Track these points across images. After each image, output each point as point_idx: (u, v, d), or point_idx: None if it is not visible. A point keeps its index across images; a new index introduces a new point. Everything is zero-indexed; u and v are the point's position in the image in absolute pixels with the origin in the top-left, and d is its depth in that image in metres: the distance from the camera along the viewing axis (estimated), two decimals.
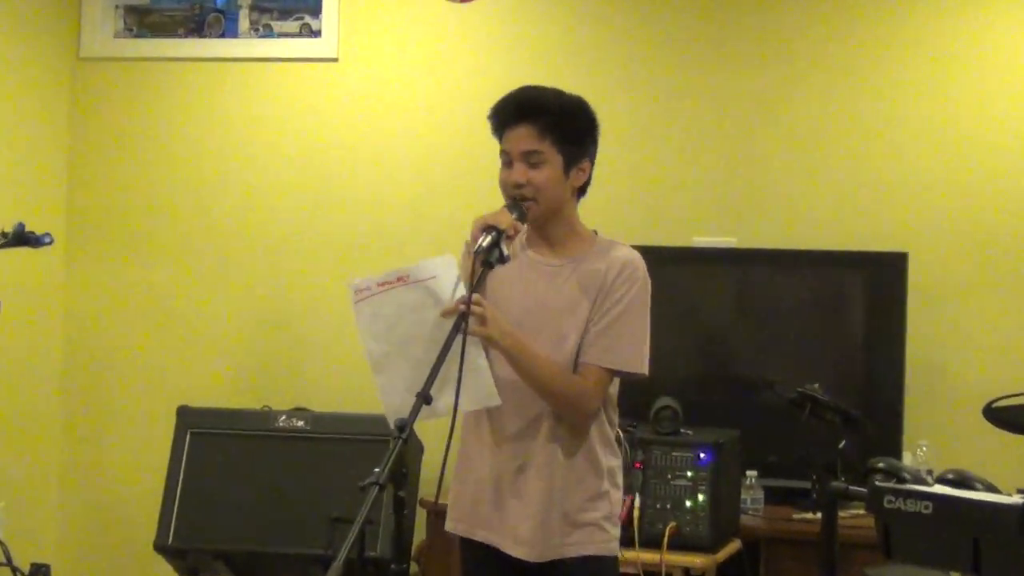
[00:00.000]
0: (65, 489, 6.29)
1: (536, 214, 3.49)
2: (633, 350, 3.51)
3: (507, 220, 3.35)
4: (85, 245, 6.25)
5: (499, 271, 3.40)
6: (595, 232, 3.63)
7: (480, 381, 3.27)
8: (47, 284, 6.12)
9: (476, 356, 3.25)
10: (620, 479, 3.64)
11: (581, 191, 3.60)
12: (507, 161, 3.51)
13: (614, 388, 3.59)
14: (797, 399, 4.76)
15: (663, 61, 5.76)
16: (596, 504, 3.54)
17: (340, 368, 5.79)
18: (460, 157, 5.89)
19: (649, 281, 3.56)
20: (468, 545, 3.65)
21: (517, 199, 3.46)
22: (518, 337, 3.39)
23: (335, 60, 6.06)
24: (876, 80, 5.59)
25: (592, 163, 3.59)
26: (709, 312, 5.57)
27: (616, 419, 3.64)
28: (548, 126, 3.48)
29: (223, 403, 5.76)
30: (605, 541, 3.56)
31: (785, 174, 5.66)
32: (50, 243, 4.00)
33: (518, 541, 3.51)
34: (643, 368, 3.53)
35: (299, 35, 6.15)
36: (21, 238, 3.93)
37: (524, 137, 3.49)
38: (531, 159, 3.48)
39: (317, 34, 6.11)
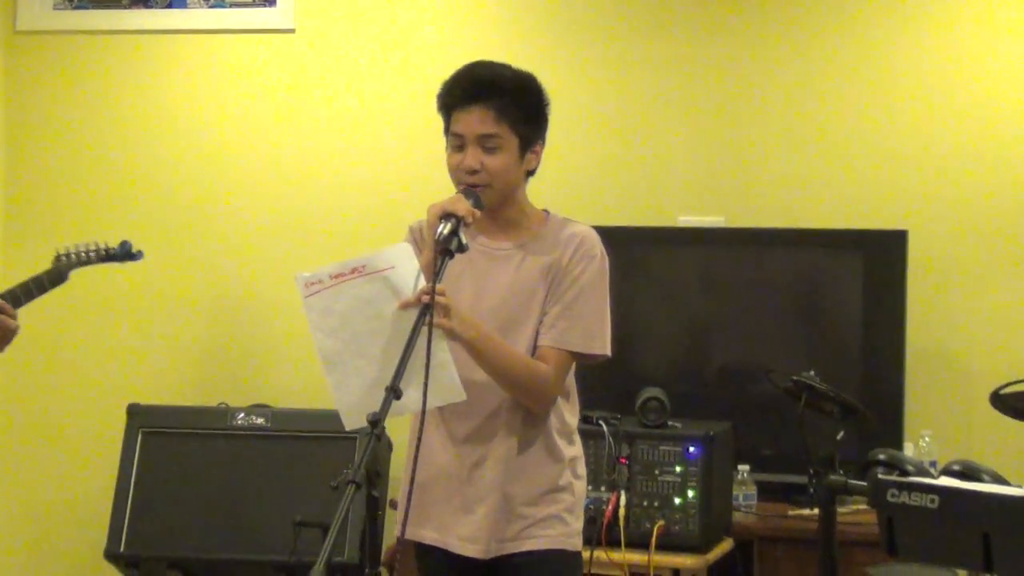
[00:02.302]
0: (3, 494, 6.28)
1: (491, 200, 3.51)
2: (593, 330, 3.56)
3: (464, 207, 3.37)
4: (23, 231, 6.23)
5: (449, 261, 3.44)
6: (546, 211, 3.67)
7: (444, 376, 3.28)
8: None
9: (440, 350, 3.25)
10: (582, 469, 3.68)
11: (532, 172, 3.62)
12: (458, 145, 3.53)
13: (571, 376, 3.63)
14: (792, 388, 4.78)
15: (645, 33, 5.78)
16: (556, 496, 3.59)
17: (302, 362, 5.79)
18: (424, 133, 5.86)
19: (607, 258, 3.60)
20: (420, 549, 3.69)
21: (471, 186, 3.48)
22: (480, 327, 3.43)
23: (292, 31, 6.06)
24: (871, 49, 5.62)
25: (544, 143, 3.61)
26: (697, 296, 5.59)
27: (577, 407, 3.69)
28: (505, 107, 3.50)
29: (177, 400, 5.78)
30: (566, 535, 3.60)
31: (775, 148, 5.68)
32: (141, 258, 4.21)
33: (467, 539, 3.56)
34: (605, 349, 3.59)
35: (253, 5, 6.14)
36: (126, 255, 4.10)
37: (479, 120, 3.50)
38: (487, 143, 3.50)
39: (272, 3, 6.10)
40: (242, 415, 5.49)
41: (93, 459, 5.99)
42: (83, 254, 4.11)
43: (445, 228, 3.32)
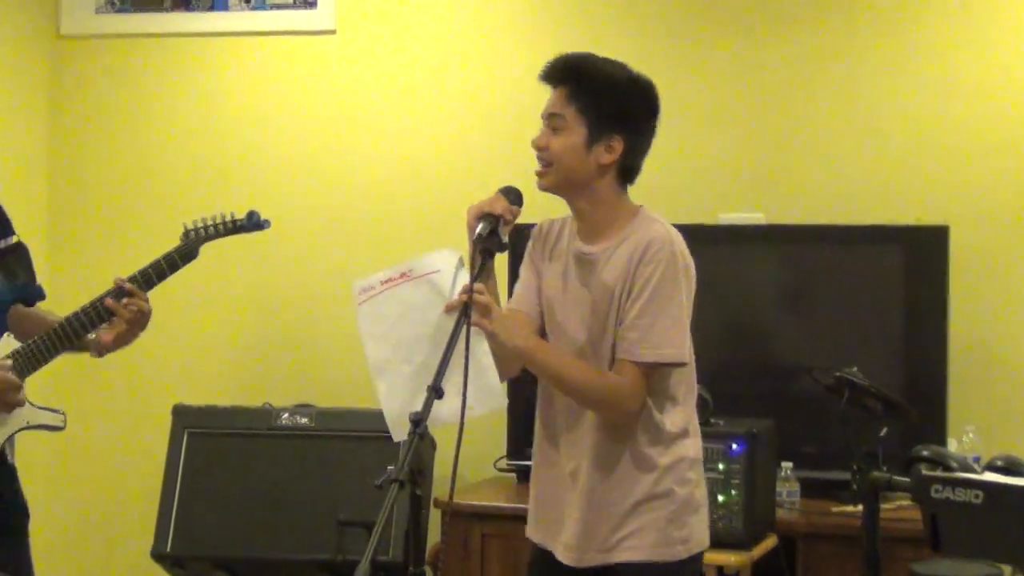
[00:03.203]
0: (54, 495, 6.33)
1: (550, 183, 3.51)
2: (662, 339, 3.44)
3: (502, 205, 3.38)
4: (69, 233, 6.29)
5: (547, 270, 3.51)
6: (640, 208, 3.60)
7: (484, 380, 3.26)
8: None
9: (481, 353, 3.24)
10: (692, 474, 3.56)
11: (625, 175, 3.57)
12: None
13: (677, 379, 3.54)
14: (834, 385, 4.78)
15: (685, 32, 5.78)
16: (652, 504, 3.50)
17: (345, 361, 5.81)
18: (465, 132, 5.91)
19: (679, 258, 3.49)
20: (532, 548, 3.69)
21: (541, 164, 3.50)
22: (528, 336, 3.44)
23: (332, 32, 6.09)
24: (912, 44, 5.60)
25: (630, 145, 3.54)
26: (738, 293, 5.58)
27: (684, 411, 3.58)
28: (577, 93, 3.50)
29: (221, 400, 5.79)
30: (664, 544, 3.51)
31: (816, 145, 5.68)
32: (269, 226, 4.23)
33: (565, 545, 3.55)
34: (681, 357, 3.48)
35: (293, 6, 6.17)
36: (255, 225, 4.11)
37: (553, 99, 3.53)
38: (553, 123, 3.51)
39: (313, 5, 6.12)
40: (286, 415, 5.51)
41: (139, 460, 6.03)
42: (212, 227, 4.09)
43: (483, 228, 3.33)
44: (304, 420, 5.48)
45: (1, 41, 6.09)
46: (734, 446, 4.81)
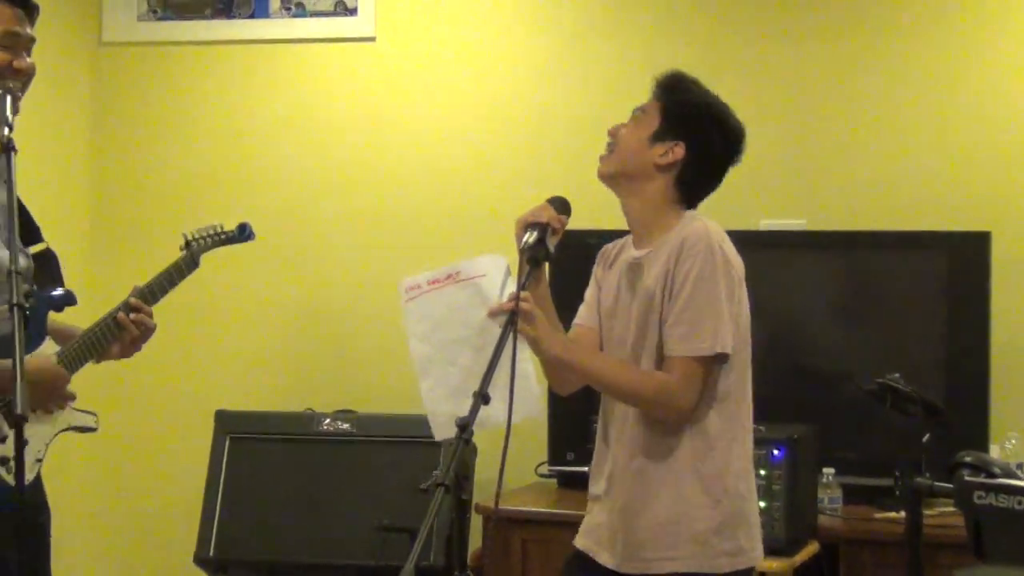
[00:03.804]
0: (98, 500, 6.38)
1: (607, 168, 3.57)
2: (705, 331, 3.42)
3: (549, 214, 3.41)
4: (110, 238, 6.33)
5: (604, 282, 3.56)
6: (685, 214, 3.60)
7: (525, 388, 3.25)
8: (72, 279, 6.16)
9: (522, 361, 3.24)
10: (742, 485, 3.53)
11: (682, 189, 3.59)
12: None
13: (724, 381, 3.52)
14: (876, 391, 4.77)
15: (726, 36, 5.79)
16: (696, 514, 3.47)
17: (387, 367, 5.82)
18: (506, 138, 5.93)
19: (717, 251, 3.47)
20: (573, 553, 3.70)
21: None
22: (568, 344, 3.47)
23: (372, 40, 6.11)
24: (956, 50, 5.59)
25: (690, 159, 3.58)
26: (779, 299, 5.57)
27: (736, 414, 3.55)
28: (666, 93, 3.64)
29: (263, 406, 5.82)
30: (709, 557, 3.47)
31: (856, 151, 5.68)
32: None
33: (608, 551, 3.56)
34: (723, 348, 3.44)
35: (333, 13, 6.20)
36: (247, 235, 4.19)
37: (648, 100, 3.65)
38: (636, 114, 3.62)
39: (353, 12, 6.15)
40: (328, 420, 5.54)
41: (182, 465, 6.06)
42: (208, 238, 4.18)
43: (531, 237, 3.36)
44: (345, 426, 5.51)
45: (44, 48, 6.05)
46: (775, 452, 4.81)
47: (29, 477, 3.67)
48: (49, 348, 3.82)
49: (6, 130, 3.41)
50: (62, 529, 6.02)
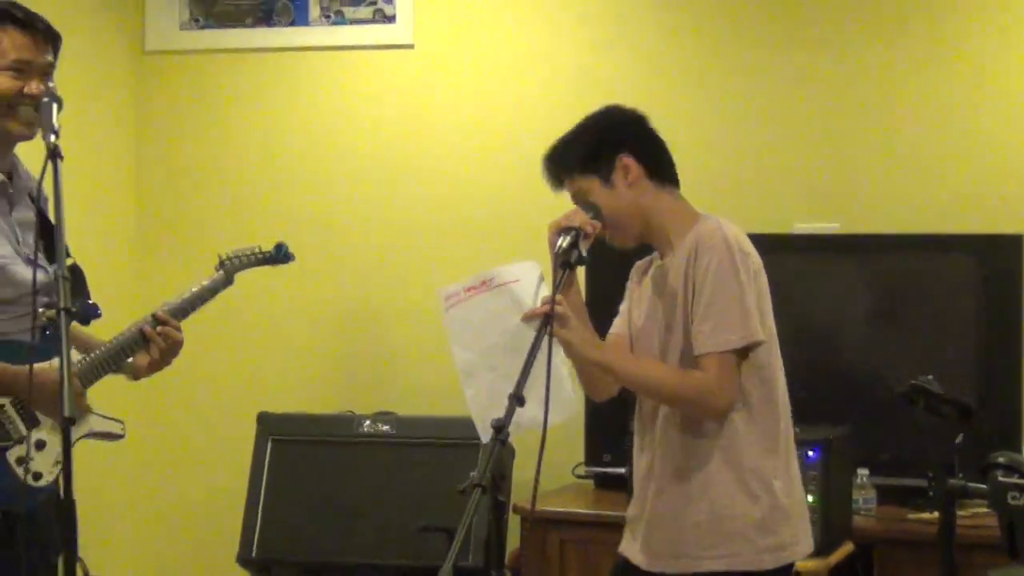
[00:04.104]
0: (143, 502, 6.41)
1: (628, 237, 3.57)
2: (733, 323, 3.42)
3: (581, 218, 3.42)
4: (155, 244, 6.37)
5: (636, 293, 3.57)
6: (697, 217, 3.59)
7: (560, 390, 3.28)
8: (117, 285, 6.22)
9: (557, 364, 3.27)
10: (776, 482, 3.51)
11: (658, 175, 3.58)
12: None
13: (759, 379, 3.53)
14: (909, 392, 4.75)
15: (759, 43, 5.78)
16: (737, 511, 3.47)
17: (427, 369, 5.84)
18: (542, 143, 5.90)
19: (733, 245, 3.46)
20: (617, 556, 3.70)
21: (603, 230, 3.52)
22: (598, 343, 3.47)
23: (411, 47, 6.12)
24: (986, 53, 5.58)
25: (635, 148, 3.57)
26: (813, 302, 5.57)
27: (771, 413, 3.55)
28: (569, 173, 3.58)
29: (305, 408, 5.83)
30: (752, 553, 3.46)
31: (889, 155, 5.67)
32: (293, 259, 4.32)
33: (646, 552, 3.56)
34: (752, 336, 3.44)
35: (372, 21, 6.22)
36: (284, 257, 4.21)
37: (571, 193, 3.59)
38: (580, 199, 3.55)
39: (391, 20, 6.17)
40: (368, 422, 5.55)
41: (225, 467, 6.08)
42: (243, 258, 4.20)
43: (564, 241, 3.36)
44: (385, 427, 5.52)
45: (88, 57, 6.17)
46: (810, 453, 4.80)
47: (48, 480, 3.69)
48: (73, 357, 3.83)
49: (52, 137, 3.42)
50: (109, 528, 6.11)
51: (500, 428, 3.03)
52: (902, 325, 5.48)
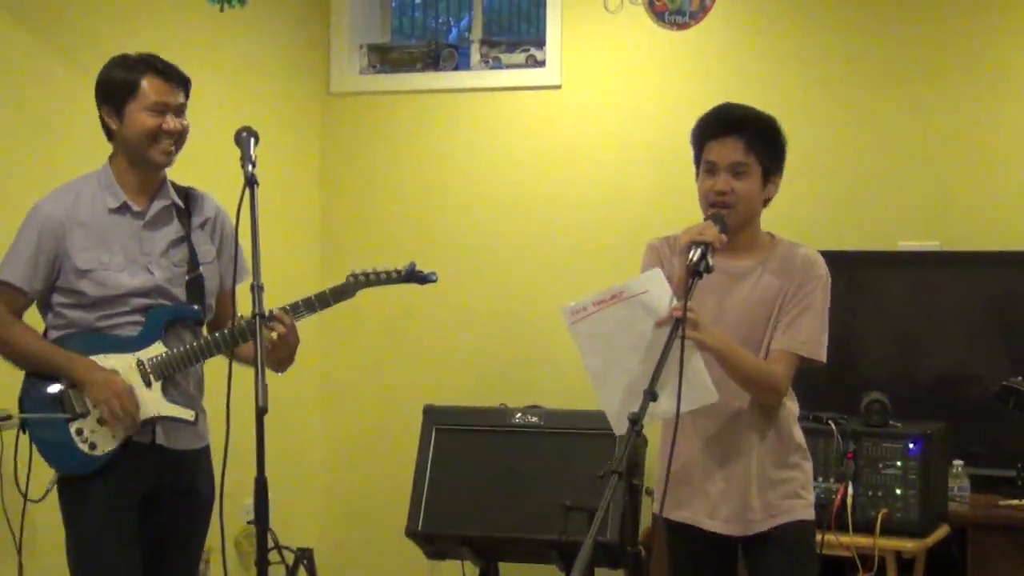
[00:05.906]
0: (327, 481, 6.54)
1: (734, 222, 3.57)
2: (818, 339, 3.60)
3: (712, 234, 3.43)
4: (340, 262, 6.43)
5: (664, 265, 3.57)
6: (771, 235, 3.72)
7: (698, 381, 3.34)
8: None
9: (693, 358, 3.32)
10: (803, 456, 3.70)
11: (768, 200, 3.68)
12: (710, 171, 3.61)
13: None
14: (1001, 392, 4.70)
15: (867, 70, 5.74)
16: (792, 475, 3.65)
17: (570, 368, 5.79)
18: (683, 180, 5.91)
19: (830, 279, 3.64)
20: (672, 526, 3.74)
21: (718, 207, 3.55)
22: (726, 339, 3.49)
23: (558, 87, 6.17)
24: None
25: (781, 177, 3.67)
26: (914, 313, 5.52)
27: (794, 399, 3.71)
28: (752, 140, 3.59)
29: (464, 401, 5.87)
30: (804, 507, 3.66)
31: (988, 176, 5.59)
32: (435, 280, 4.21)
33: (723, 519, 3.63)
34: (823, 356, 3.62)
35: (525, 66, 6.30)
36: (412, 276, 4.18)
37: (732, 149, 3.59)
38: (737, 169, 3.58)
39: (542, 64, 6.24)
40: (519, 414, 5.57)
41: (395, 452, 6.14)
42: (372, 275, 4.15)
43: (695, 254, 3.38)
44: (535, 419, 5.53)
45: (280, 98, 6.30)
46: (911, 446, 4.79)
47: (105, 449, 3.74)
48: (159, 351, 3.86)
49: (250, 167, 3.52)
50: (296, 504, 6.23)
51: (635, 420, 3.08)
52: (998, 333, 5.41)
